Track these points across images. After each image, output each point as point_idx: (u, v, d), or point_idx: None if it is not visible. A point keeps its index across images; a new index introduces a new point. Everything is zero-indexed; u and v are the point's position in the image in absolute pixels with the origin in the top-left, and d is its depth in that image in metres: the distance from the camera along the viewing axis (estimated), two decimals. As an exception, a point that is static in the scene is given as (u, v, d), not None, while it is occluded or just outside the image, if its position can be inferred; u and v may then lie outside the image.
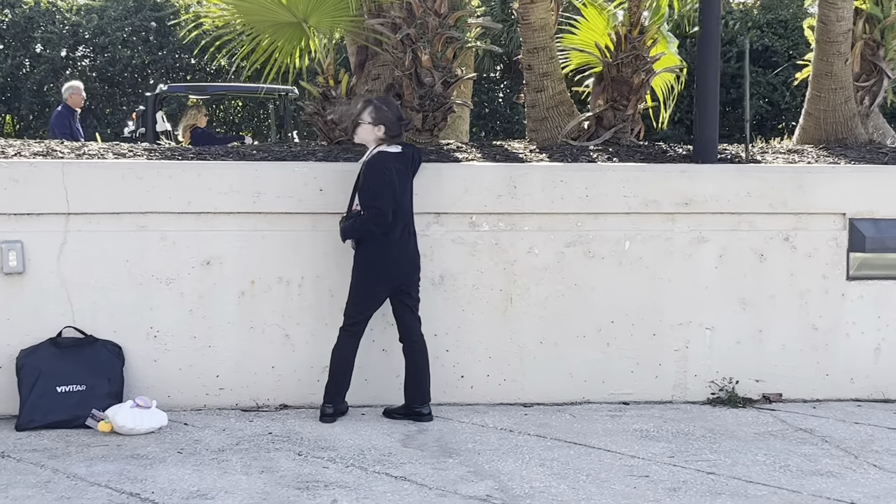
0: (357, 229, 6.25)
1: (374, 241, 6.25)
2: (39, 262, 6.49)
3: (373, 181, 6.24)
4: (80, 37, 20.40)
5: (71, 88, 13.49)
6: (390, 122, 6.38)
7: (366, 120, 6.37)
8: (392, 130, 6.38)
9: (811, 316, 7.04)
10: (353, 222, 6.27)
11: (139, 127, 13.41)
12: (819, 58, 8.37)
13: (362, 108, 6.41)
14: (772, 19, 20.12)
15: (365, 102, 6.48)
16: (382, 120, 6.37)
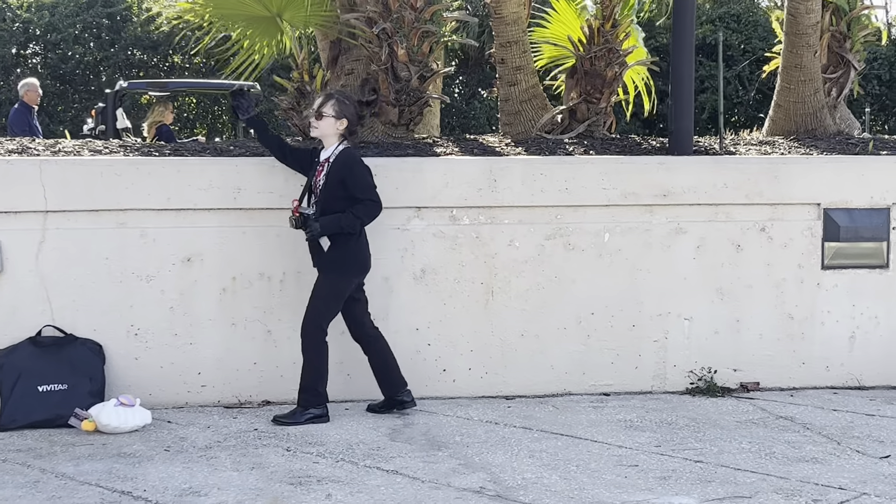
0: (352, 223, 6.17)
1: (351, 236, 6.22)
2: (18, 261, 6.40)
3: (364, 174, 6.24)
4: (31, 34, 20.16)
5: (27, 85, 13.33)
6: (352, 115, 6.35)
7: (328, 113, 6.29)
8: (353, 125, 6.36)
9: (787, 305, 7.13)
10: (344, 216, 6.15)
11: (99, 124, 13.26)
12: (788, 50, 8.47)
13: (324, 101, 6.32)
14: (724, 13, 20.35)
15: (326, 96, 6.39)
16: (345, 113, 6.31)
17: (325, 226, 6.17)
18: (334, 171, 6.24)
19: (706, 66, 19.24)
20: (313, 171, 6.33)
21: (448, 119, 20.63)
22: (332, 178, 6.23)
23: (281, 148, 6.55)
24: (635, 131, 18.29)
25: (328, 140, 6.34)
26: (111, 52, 20.15)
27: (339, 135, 6.32)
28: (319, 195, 6.23)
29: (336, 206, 6.17)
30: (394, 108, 7.66)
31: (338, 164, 6.25)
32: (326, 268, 6.26)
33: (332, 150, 6.30)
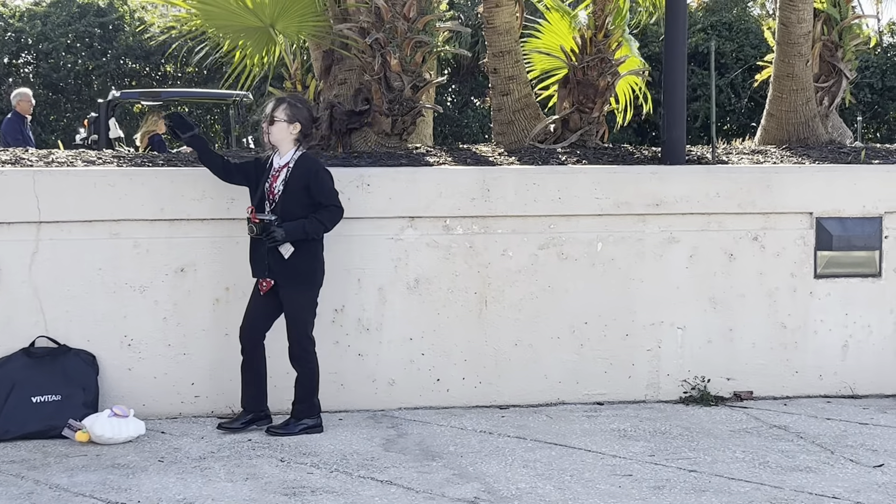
0: (317, 228, 6.12)
1: (317, 244, 6.21)
2: (11, 272, 6.39)
3: (328, 179, 6.20)
4: (24, 43, 20.16)
5: (19, 95, 13.34)
6: (306, 119, 6.25)
7: (281, 118, 6.17)
8: (307, 128, 6.27)
9: (780, 314, 7.14)
10: (309, 222, 6.07)
11: (91, 134, 13.27)
12: (780, 59, 8.51)
13: (276, 106, 6.22)
14: (716, 21, 20.41)
15: (278, 100, 6.28)
16: (298, 118, 6.21)
17: (290, 232, 6.05)
18: (296, 177, 6.15)
19: (698, 74, 19.29)
20: (266, 177, 6.21)
21: (441, 128, 20.67)
22: (293, 184, 6.14)
23: (224, 166, 6.37)
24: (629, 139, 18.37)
25: (283, 146, 6.23)
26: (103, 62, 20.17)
27: (294, 139, 6.23)
28: (278, 202, 6.12)
29: (297, 212, 6.10)
30: (387, 117, 7.67)
31: (300, 169, 6.17)
32: (300, 280, 6.18)
33: (290, 156, 6.21)
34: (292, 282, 6.17)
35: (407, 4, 7.52)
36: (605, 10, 8.10)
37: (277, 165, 6.23)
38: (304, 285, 6.20)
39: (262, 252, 6.11)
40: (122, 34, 20.34)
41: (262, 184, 6.21)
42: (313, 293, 6.24)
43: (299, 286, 6.19)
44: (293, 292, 6.18)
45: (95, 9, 20.48)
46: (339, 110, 7.84)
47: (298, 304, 6.20)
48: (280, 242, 6.05)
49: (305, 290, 6.21)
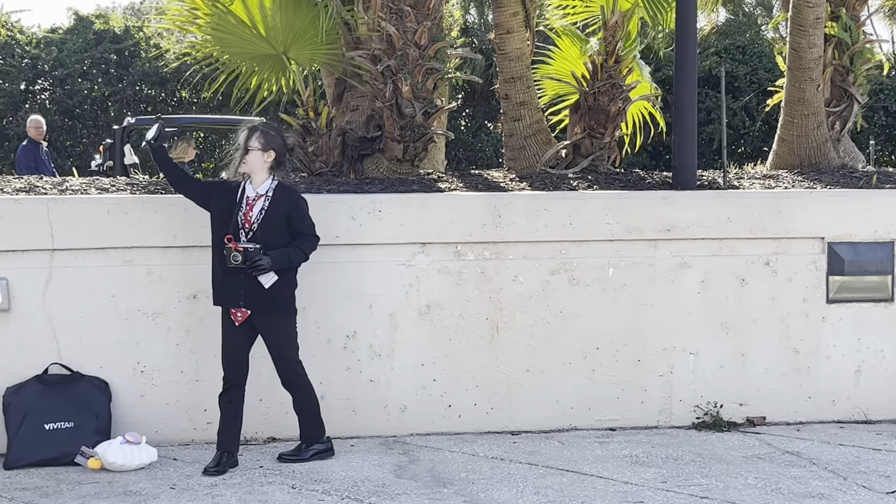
0: (300, 258, 6.10)
1: (294, 273, 6.16)
2: (25, 299, 6.43)
3: (307, 209, 6.18)
4: (40, 70, 20.29)
5: (30, 122, 13.51)
6: (280, 147, 6.17)
7: (255, 146, 6.08)
8: (281, 156, 6.19)
9: (792, 339, 7.13)
10: (293, 251, 6.04)
11: (107, 160, 13.33)
12: (791, 84, 8.52)
13: (250, 134, 6.12)
14: (729, 45, 20.41)
15: (251, 129, 6.17)
16: (272, 145, 6.11)
17: (276, 260, 5.98)
18: (275, 206, 6.07)
19: (713, 97, 19.29)
20: (239, 206, 6.08)
21: (455, 152, 20.71)
22: (273, 213, 6.06)
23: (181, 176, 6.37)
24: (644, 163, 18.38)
25: (257, 174, 6.12)
26: (119, 88, 20.28)
27: (269, 168, 6.14)
28: (257, 231, 6.01)
29: (277, 241, 6.02)
30: (398, 144, 7.71)
31: (279, 199, 6.10)
32: (280, 309, 6.10)
33: (267, 185, 6.12)
34: (273, 311, 6.09)
35: (418, 32, 7.57)
36: (615, 35, 8.14)
37: (253, 194, 6.10)
38: (285, 313, 6.15)
39: (237, 281, 5.99)
40: (137, 60, 20.47)
41: (235, 213, 6.06)
42: (294, 319, 6.20)
43: (280, 314, 6.13)
44: (275, 321, 6.12)
45: (111, 35, 20.61)
46: (352, 137, 7.89)
47: (283, 333, 6.16)
48: (266, 271, 5.96)
49: (287, 317, 6.16)
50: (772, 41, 19.30)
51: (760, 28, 22.07)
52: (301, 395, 6.25)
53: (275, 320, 6.11)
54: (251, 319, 6.07)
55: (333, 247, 6.70)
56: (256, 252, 5.92)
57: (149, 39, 20.66)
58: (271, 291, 6.02)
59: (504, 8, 8.42)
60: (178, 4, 8.10)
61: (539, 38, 9.15)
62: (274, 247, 5.99)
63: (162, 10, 8.92)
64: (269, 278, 5.99)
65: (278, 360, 6.18)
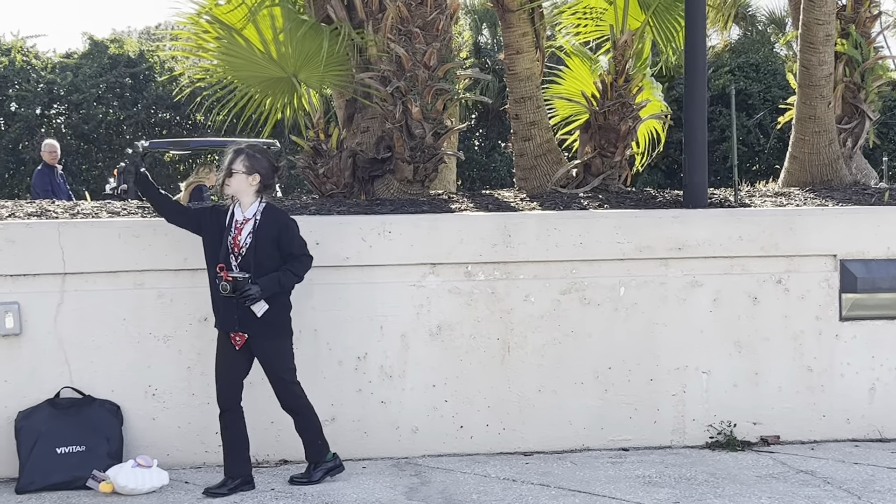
0: (291, 281, 6.02)
1: (286, 296, 6.08)
2: (36, 323, 6.45)
3: (297, 230, 6.10)
4: (55, 94, 20.44)
5: (44, 146, 13.68)
6: (265, 170, 6.04)
7: (239, 169, 5.98)
8: (267, 179, 6.05)
9: (806, 357, 7.09)
10: (283, 275, 5.96)
11: (121, 183, 13.40)
12: (802, 101, 8.51)
13: (234, 157, 6.01)
14: (743, 63, 20.38)
15: (236, 151, 6.05)
16: (257, 168, 6.00)
17: (266, 287, 5.89)
18: (264, 229, 5.98)
19: (726, 115, 19.27)
20: (228, 231, 6.00)
21: (469, 172, 20.75)
22: (262, 237, 5.96)
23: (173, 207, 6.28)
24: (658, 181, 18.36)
25: (244, 198, 6.02)
26: (134, 112, 20.40)
27: (255, 191, 6.03)
28: (247, 255, 5.93)
29: (268, 265, 5.94)
30: (409, 164, 7.72)
31: (268, 221, 6.00)
32: (276, 333, 6.04)
33: (255, 208, 6.03)
34: (268, 335, 6.03)
35: (427, 53, 7.59)
36: (625, 55, 8.14)
37: (241, 218, 6.01)
38: (281, 336, 6.08)
39: (232, 306, 5.93)
40: (152, 85, 20.60)
41: (224, 238, 5.99)
42: (289, 341, 6.14)
43: (276, 338, 6.06)
44: (271, 345, 6.06)
45: (126, 60, 20.76)
46: (362, 158, 7.91)
47: (279, 356, 6.09)
48: (256, 300, 5.87)
49: (282, 340, 6.09)
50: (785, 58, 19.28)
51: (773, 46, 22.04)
52: (302, 417, 6.21)
53: (270, 344, 6.05)
54: (248, 343, 6.03)
55: (344, 268, 6.71)
56: (245, 282, 5.84)
57: (163, 63, 20.79)
58: (273, 319, 5.97)
59: (513, 28, 8.44)
60: (189, 29, 8.15)
61: (549, 58, 9.16)
62: (265, 270, 5.92)
63: (175, 35, 8.97)
64: (261, 307, 5.90)
65: (276, 383, 6.13)
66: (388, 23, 7.64)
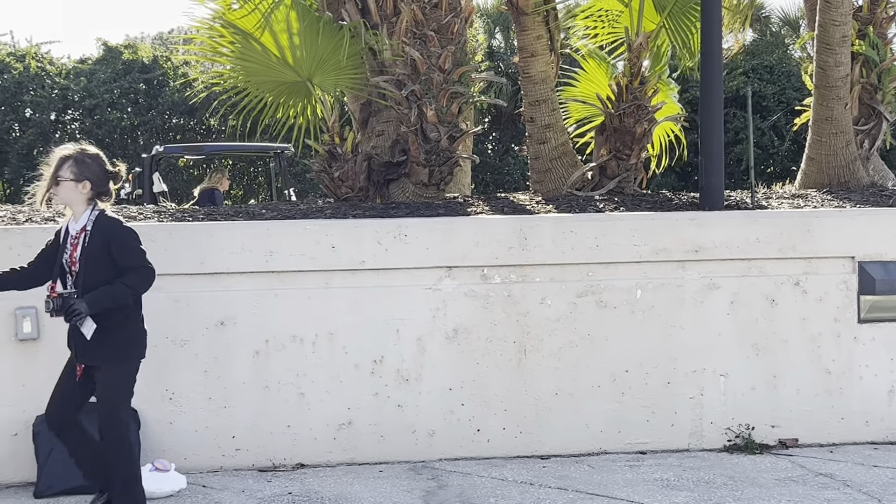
0: (124, 294, 5.27)
1: (128, 315, 5.39)
2: (54, 328, 6.43)
3: (130, 238, 5.38)
4: (70, 100, 20.50)
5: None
6: (96, 176, 5.40)
7: (66, 177, 5.33)
8: (99, 186, 5.41)
9: (824, 360, 7.05)
10: (115, 287, 5.24)
11: (136, 188, 13.44)
12: (819, 103, 8.48)
13: (60, 164, 5.36)
14: (757, 65, 20.33)
15: (62, 158, 5.38)
16: (86, 175, 5.36)
17: (93, 303, 5.19)
18: (95, 240, 5.32)
19: (740, 117, 19.21)
20: (63, 247, 5.41)
21: (482, 175, 20.73)
22: (93, 249, 5.31)
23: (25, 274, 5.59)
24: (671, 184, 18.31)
25: (75, 207, 5.39)
26: (148, 117, 20.44)
27: (87, 199, 5.39)
28: (80, 271, 5.30)
29: (101, 280, 5.26)
30: (424, 168, 7.72)
31: (98, 232, 5.33)
32: (111, 356, 5.33)
33: (86, 218, 5.38)
34: (102, 358, 5.33)
35: (442, 56, 7.58)
36: (640, 57, 8.13)
37: (74, 232, 5.40)
38: (116, 361, 5.35)
39: (71, 331, 5.40)
40: (166, 90, 20.64)
41: (59, 255, 5.41)
42: (129, 367, 5.42)
43: (110, 362, 5.34)
44: (104, 368, 5.34)
45: (140, 65, 20.79)
46: (377, 161, 7.91)
47: (109, 380, 5.34)
48: (83, 316, 5.19)
49: (118, 365, 5.35)
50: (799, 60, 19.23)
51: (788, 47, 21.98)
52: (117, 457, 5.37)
53: (105, 367, 5.34)
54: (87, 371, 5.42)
55: (360, 271, 6.71)
56: (70, 297, 5.21)
57: (177, 69, 20.83)
58: (109, 339, 5.30)
59: (528, 31, 8.43)
60: (203, 34, 8.16)
61: (564, 61, 9.15)
62: (97, 286, 5.25)
63: (189, 40, 8.98)
64: (90, 327, 5.26)
65: (98, 405, 5.38)
66: (403, 26, 7.65)
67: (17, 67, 20.40)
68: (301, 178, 19.45)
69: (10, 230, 6.47)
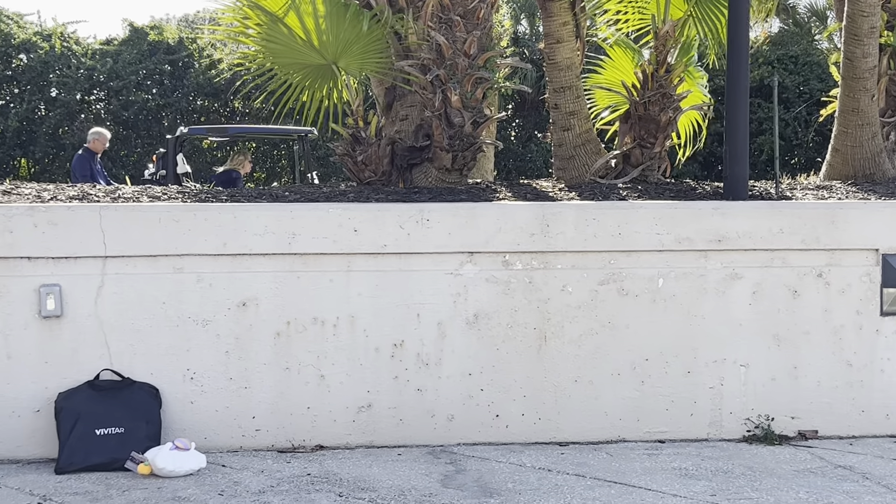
0: None
1: None
2: (77, 306, 6.50)
3: None
4: (95, 80, 20.56)
5: (96, 134, 13.66)
6: None
7: None
8: None
9: (846, 352, 7.03)
10: None
11: (160, 169, 13.50)
12: (845, 94, 8.43)
13: None
14: (782, 55, 20.21)
15: None
16: None
17: None
18: None
19: (764, 108, 19.12)
20: None
21: (505, 162, 20.70)
22: None
23: None
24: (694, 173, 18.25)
25: None
26: (173, 99, 20.49)
27: None
28: None
29: None
30: (447, 153, 7.71)
31: None
32: None
33: None
34: None
35: (467, 41, 7.57)
36: (666, 44, 8.10)
37: None
38: None
39: None
40: (191, 72, 20.69)
41: None
42: None
43: None
44: None
45: (165, 47, 20.84)
46: (401, 146, 7.91)
47: None
48: None
49: None
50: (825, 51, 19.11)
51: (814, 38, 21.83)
52: None
53: None
54: None
55: (382, 255, 6.72)
56: None
57: (202, 51, 20.87)
58: None
59: (554, 18, 8.41)
60: (230, 15, 8.17)
61: (590, 48, 9.13)
62: None
63: (215, 21, 9.00)
64: None
65: None
66: (429, 10, 7.64)
67: (44, 47, 20.47)
68: (324, 161, 19.47)
69: (36, 208, 6.51)
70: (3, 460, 6.44)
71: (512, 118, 21.46)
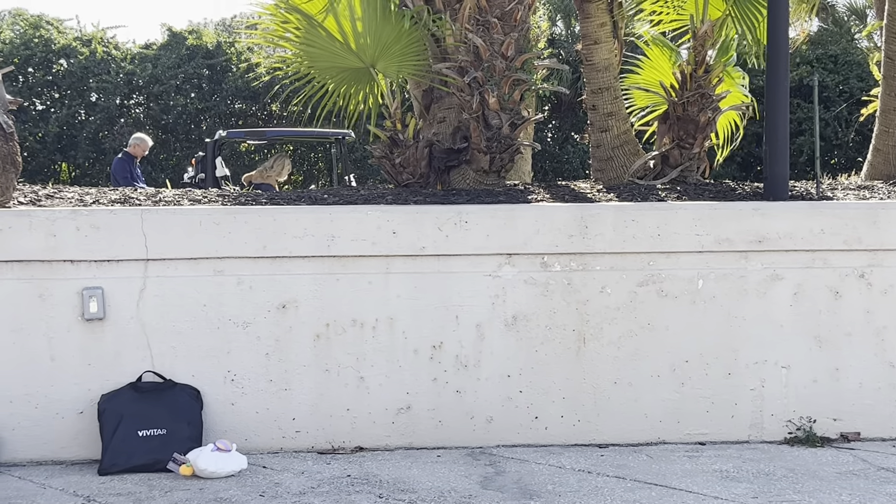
0: None
1: None
2: (119, 308, 6.56)
3: None
4: (135, 85, 20.77)
5: (138, 139, 13.80)
6: None
7: None
8: None
9: (888, 353, 6.96)
10: None
11: (199, 172, 13.59)
12: (886, 93, 8.36)
13: None
14: (821, 55, 20.07)
15: None
16: None
17: None
18: None
19: (803, 108, 18.99)
20: None
21: (542, 164, 20.69)
22: None
23: None
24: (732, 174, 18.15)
25: None
26: (212, 103, 20.65)
27: None
28: None
29: None
30: (485, 155, 7.72)
31: None
32: None
33: None
34: None
35: (505, 43, 7.58)
36: (704, 45, 8.06)
37: None
38: None
39: None
40: (229, 76, 20.83)
41: None
42: None
43: None
44: None
45: (204, 51, 21.01)
46: (438, 148, 7.93)
47: None
48: None
49: None
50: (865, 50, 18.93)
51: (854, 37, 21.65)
52: None
53: None
54: None
55: (420, 257, 6.73)
56: None
57: (240, 55, 21.01)
58: None
59: (591, 19, 8.41)
60: (269, 19, 8.22)
61: (627, 48, 9.10)
62: None
63: (253, 25, 9.06)
64: None
65: None
66: (466, 13, 7.65)
67: (84, 52, 20.69)
68: (361, 164, 19.54)
69: (78, 211, 6.58)
70: (48, 461, 6.51)
71: (549, 119, 21.44)
